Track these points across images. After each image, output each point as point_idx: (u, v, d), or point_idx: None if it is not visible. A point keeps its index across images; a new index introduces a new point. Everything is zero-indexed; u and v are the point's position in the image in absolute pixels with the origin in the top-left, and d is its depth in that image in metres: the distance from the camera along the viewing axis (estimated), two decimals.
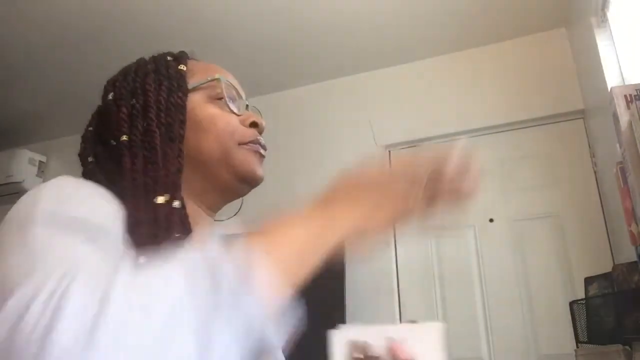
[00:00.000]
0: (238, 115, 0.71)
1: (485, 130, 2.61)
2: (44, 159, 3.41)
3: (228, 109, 0.70)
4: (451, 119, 2.64)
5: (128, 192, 0.59)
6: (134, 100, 0.67)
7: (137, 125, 0.65)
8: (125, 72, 0.72)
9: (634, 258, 1.59)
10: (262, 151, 0.71)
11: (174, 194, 0.62)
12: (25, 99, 3.09)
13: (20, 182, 3.23)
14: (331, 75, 2.94)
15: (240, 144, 0.68)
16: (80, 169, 0.67)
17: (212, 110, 0.69)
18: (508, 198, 2.48)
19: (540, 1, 2.39)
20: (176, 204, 0.61)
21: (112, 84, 0.70)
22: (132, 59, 0.74)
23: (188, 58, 0.75)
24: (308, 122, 2.94)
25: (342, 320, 2.35)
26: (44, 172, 3.38)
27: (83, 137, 0.70)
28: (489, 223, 2.48)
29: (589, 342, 1.65)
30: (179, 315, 0.36)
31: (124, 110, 0.66)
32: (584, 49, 2.22)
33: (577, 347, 1.72)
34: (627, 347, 1.52)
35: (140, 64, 0.72)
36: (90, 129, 0.70)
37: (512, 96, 2.56)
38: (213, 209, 0.71)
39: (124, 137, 0.64)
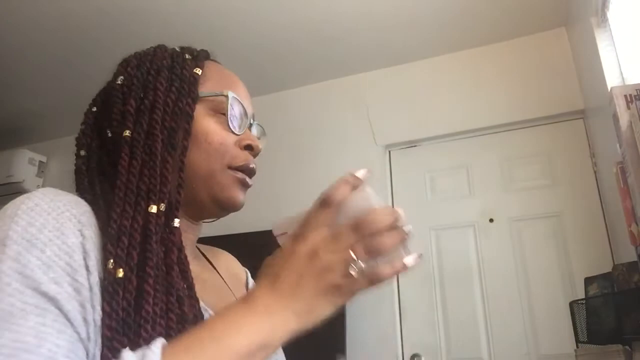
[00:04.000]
0: (237, 135, 0.68)
1: (485, 130, 2.61)
2: (44, 159, 3.41)
3: (228, 127, 0.67)
4: (451, 119, 2.64)
5: (119, 193, 0.57)
6: (142, 94, 0.64)
7: (142, 122, 0.61)
8: (140, 58, 0.68)
9: (634, 258, 1.59)
10: (248, 180, 0.68)
11: (174, 211, 0.60)
12: (25, 99, 3.09)
13: (20, 182, 3.23)
14: (331, 75, 2.94)
15: (229, 167, 0.66)
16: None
17: (211, 125, 0.66)
18: (508, 198, 2.48)
19: (540, 1, 2.39)
20: (176, 222, 0.59)
21: (124, 67, 0.67)
22: None
23: (207, 59, 0.73)
24: (308, 122, 2.94)
25: (342, 320, 2.34)
26: (44, 172, 3.38)
27: (85, 115, 0.67)
28: (489, 223, 2.48)
29: (589, 342, 1.65)
30: None
31: (132, 103, 0.63)
32: (584, 49, 2.22)
33: (577, 347, 1.72)
34: (627, 347, 1.52)
35: (158, 54, 0.69)
36: (94, 109, 0.67)
37: (512, 96, 2.56)
38: (194, 219, 0.69)
39: (127, 133, 0.61)
